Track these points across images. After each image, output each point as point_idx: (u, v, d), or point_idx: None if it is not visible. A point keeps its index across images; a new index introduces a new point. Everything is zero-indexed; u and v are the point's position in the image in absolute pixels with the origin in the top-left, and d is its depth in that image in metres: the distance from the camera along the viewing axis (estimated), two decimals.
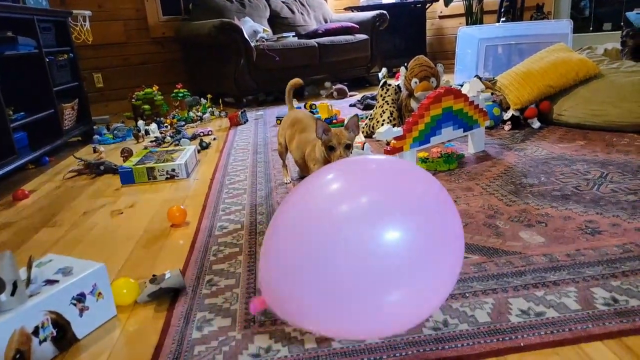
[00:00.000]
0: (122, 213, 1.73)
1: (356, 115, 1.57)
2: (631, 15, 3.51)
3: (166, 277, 1.13)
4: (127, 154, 2.37)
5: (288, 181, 1.88)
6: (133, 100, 3.37)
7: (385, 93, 2.53)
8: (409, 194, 0.74)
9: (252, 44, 3.72)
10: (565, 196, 1.49)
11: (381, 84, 2.59)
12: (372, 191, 0.73)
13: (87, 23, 3.53)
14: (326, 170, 0.81)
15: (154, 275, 1.15)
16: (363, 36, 4.46)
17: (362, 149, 2.04)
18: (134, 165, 2.06)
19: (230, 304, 1.06)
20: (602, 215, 1.33)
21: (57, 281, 0.97)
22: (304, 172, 1.85)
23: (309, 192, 0.78)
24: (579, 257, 1.12)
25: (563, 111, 2.37)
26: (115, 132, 3.03)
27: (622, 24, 3.28)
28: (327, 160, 1.60)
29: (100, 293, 1.03)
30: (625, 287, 0.98)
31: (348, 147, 1.53)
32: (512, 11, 4.59)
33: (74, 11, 3.35)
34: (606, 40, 3.30)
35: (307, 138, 1.72)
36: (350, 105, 3.54)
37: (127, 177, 2.05)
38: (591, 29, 5.28)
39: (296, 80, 1.94)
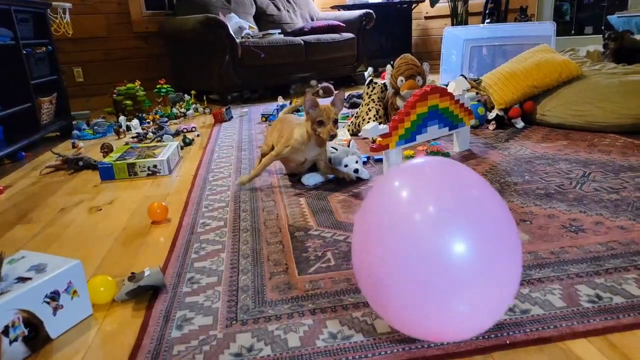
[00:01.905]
0: (100, 210, 1.68)
1: (342, 89, 1.63)
2: (612, 18, 3.57)
3: (145, 274, 1.10)
4: (107, 149, 2.31)
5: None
6: (114, 95, 3.30)
7: (372, 91, 2.52)
8: (472, 201, 0.76)
9: (238, 41, 3.68)
10: (549, 195, 1.49)
11: (367, 82, 2.58)
12: (440, 199, 0.75)
13: (67, 16, 3.45)
14: (396, 176, 0.83)
15: (132, 273, 1.12)
16: (349, 35, 4.45)
17: (349, 146, 2.02)
18: (114, 161, 2.01)
19: (212, 302, 1.04)
20: (586, 214, 1.33)
21: (29, 279, 0.93)
22: (289, 168, 1.84)
23: (389, 198, 0.81)
24: (563, 254, 1.12)
25: (546, 111, 2.39)
26: (96, 127, 2.96)
27: (603, 27, 3.34)
28: (314, 135, 1.64)
29: (75, 291, 0.99)
30: (609, 285, 0.99)
31: (335, 122, 1.60)
32: (496, 13, 4.63)
33: (54, 3, 3.26)
34: (587, 43, 3.34)
35: (288, 127, 1.78)
36: None
37: (107, 173, 2.00)
38: (573, 32, 5.36)
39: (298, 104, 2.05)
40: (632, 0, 4.95)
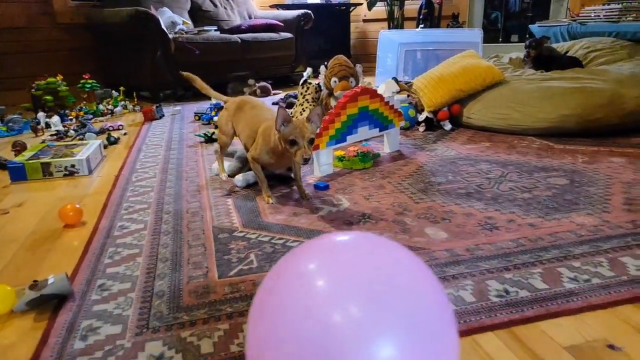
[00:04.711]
0: (7, 213, 1.55)
1: (320, 106, 1.46)
2: (533, 27, 3.81)
3: (49, 282, 1.02)
4: (19, 147, 2.14)
5: (225, 177, 1.74)
6: (33, 90, 3.07)
7: (306, 91, 2.52)
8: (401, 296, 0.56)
9: (170, 36, 3.55)
10: (469, 194, 1.55)
11: (302, 82, 2.58)
12: (360, 299, 0.55)
13: None
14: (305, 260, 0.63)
15: (35, 281, 1.03)
16: (288, 35, 4.43)
17: None
18: (26, 160, 1.86)
19: (123, 310, 0.98)
20: (500, 212, 1.40)
21: None
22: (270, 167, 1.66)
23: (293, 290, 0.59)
24: (478, 251, 1.17)
25: (471, 114, 2.49)
26: (10, 124, 2.74)
27: (527, 35, 3.55)
28: (281, 154, 1.47)
29: None
30: (516, 279, 1.04)
31: (311, 141, 1.40)
32: (430, 18, 4.80)
33: None
34: (512, 50, 3.54)
35: (258, 115, 1.61)
36: (273, 104, 3.49)
37: (18, 173, 1.84)
38: (500, 40, 5.67)
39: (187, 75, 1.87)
40: (552, 12, 5.32)
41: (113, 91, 3.46)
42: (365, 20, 5.66)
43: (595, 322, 0.89)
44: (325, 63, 2.46)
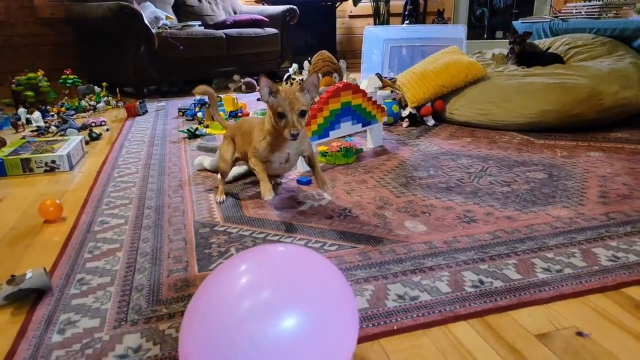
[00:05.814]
0: None
1: (316, 72, 1.33)
2: (517, 24, 3.85)
3: (27, 277, 1.02)
4: None
5: (222, 200, 1.53)
6: (13, 85, 3.03)
7: (289, 87, 2.52)
8: (305, 287, 0.69)
9: (154, 31, 3.52)
10: (449, 188, 1.58)
11: (285, 77, 2.58)
12: (270, 287, 0.68)
13: None
14: (232, 265, 0.73)
15: (12, 276, 1.03)
16: (273, 30, 4.42)
17: None
18: (5, 156, 1.84)
19: (101, 304, 0.98)
20: (479, 205, 1.42)
21: None
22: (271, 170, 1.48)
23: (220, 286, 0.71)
24: (455, 243, 1.19)
25: (454, 110, 2.52)
26: None
27: (512, 31, 3.59)
28: (276, 131, 1.30)
29: None
30: (491, 270, 1.06)
31: (303, 114, 1.23)
32: (415, 15, 4.82)
33: None
34: (496, 46, 3.57)
35: (255, 123, 1.45)
36: (258, 99, 3.49)
37: None
38: (485, 36, 5.73)
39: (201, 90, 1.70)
40: (536, 8, 5.38)
41: (95, 87, 3.43)
42: (351, 16, 5.66)
43: (566, 310, 0.92)
44: (309, 59, 2.47)
